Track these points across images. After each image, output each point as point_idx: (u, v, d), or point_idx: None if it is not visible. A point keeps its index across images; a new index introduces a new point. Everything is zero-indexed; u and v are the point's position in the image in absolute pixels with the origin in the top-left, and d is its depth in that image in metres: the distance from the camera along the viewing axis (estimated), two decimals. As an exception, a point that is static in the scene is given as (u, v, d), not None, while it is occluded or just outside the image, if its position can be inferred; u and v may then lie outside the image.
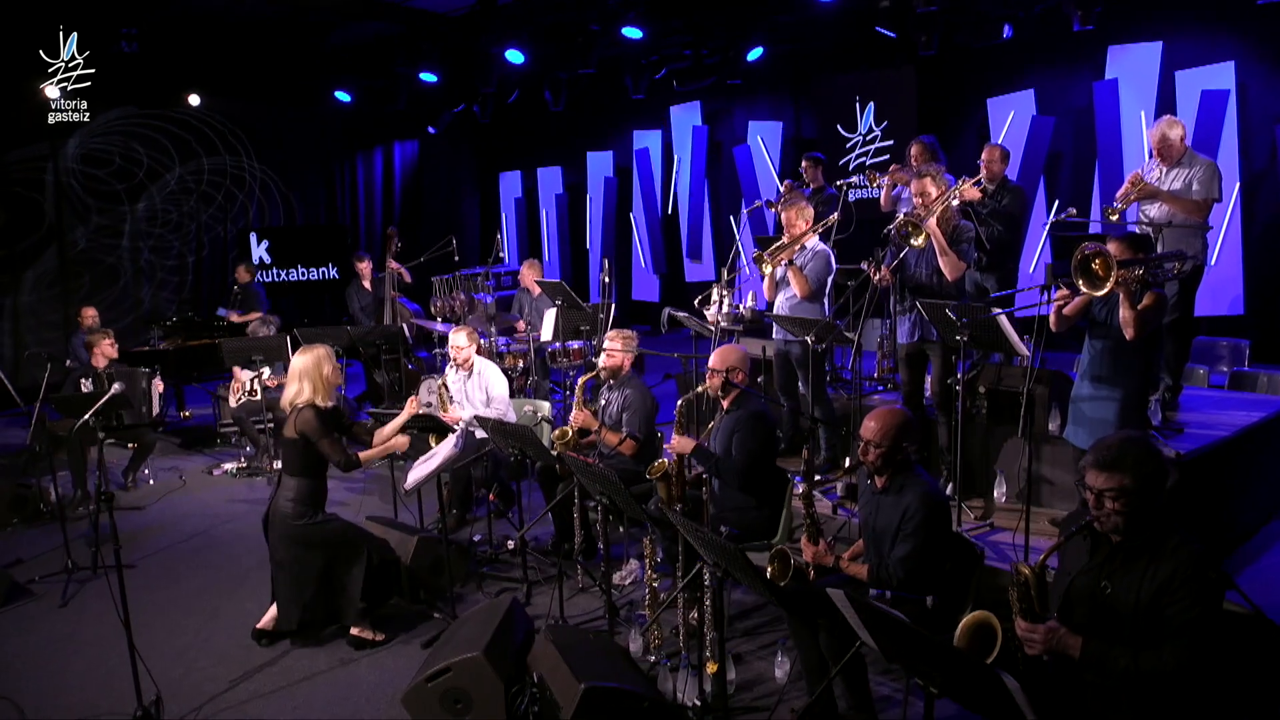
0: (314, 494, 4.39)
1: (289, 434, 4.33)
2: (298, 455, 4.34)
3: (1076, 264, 3.86)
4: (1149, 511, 2.66)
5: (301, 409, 4.31)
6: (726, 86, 11.20)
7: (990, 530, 4.84)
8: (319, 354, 4.42)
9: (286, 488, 4.35)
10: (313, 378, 4.36)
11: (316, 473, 4.40)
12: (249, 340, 7.41)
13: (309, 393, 4.34)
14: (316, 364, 4.38)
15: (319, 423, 4.30)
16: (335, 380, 4.48)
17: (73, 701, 4.11)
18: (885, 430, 3.38)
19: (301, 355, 4.42)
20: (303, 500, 4.32)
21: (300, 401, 4.34)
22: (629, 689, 3.39)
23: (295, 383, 4.37)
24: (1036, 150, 9.09)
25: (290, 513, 4.29)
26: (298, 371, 4.38)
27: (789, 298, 5.75)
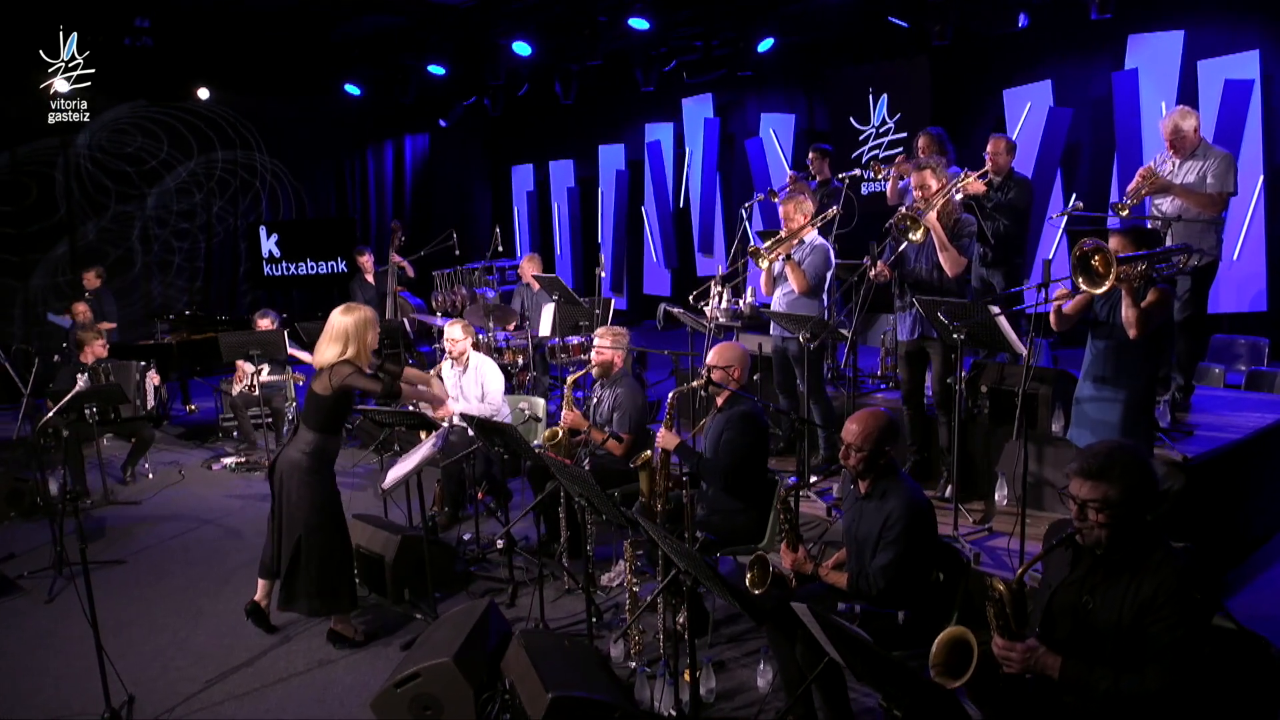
0: (327, 451, 4.28)
1: (320, 389, 4.16)
2: (324, 410, 4.19)
3: (1075, 261, 3.69)
4: (1135, 525, 2.51)
5: (338, 364, 4.11)
6: (738, 78, 11.06)
7: (989, 535, 4.68)
8: (367, 316, 4.23)
9: (302, 440, 4.22)
10: (359, 339, 4.15)
11: (335, 430, 4.30)
12: (247, 335, 7.36)
13: (352, 353, 4.14)
14: (363, 325, 4.18)
15: (356, 370, 4.12)
16: (375, 346, 4.32)
17: (46, 700, 4.07)
18: (867, 433, 3.25)
19: (347, 314, 4.19)
20: (316, 454, 4.20)
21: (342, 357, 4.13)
22: (599, 699, 3.28)
23: (338, 343, 4.14)
24: (1053, 142, 8.86)
25: (305, 465, 4.17)
26: (342, 331, 4.13)
27: (787, 293, 5.62)
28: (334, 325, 4.18)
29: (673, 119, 12.36)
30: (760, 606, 2.94)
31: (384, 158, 13.72)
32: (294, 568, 4.23)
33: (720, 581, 2.86)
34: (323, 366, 4.19)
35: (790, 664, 3.30)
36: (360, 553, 5.03)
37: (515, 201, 14.73)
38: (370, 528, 5.04)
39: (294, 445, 4.26)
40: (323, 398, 4.18)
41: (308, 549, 4.21)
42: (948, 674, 2.61)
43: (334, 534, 4.32)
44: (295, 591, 4.26)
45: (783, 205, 5.61)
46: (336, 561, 4.32)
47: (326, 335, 4.21)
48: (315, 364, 4.27)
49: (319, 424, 4.23)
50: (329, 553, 4.27)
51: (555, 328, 7.14)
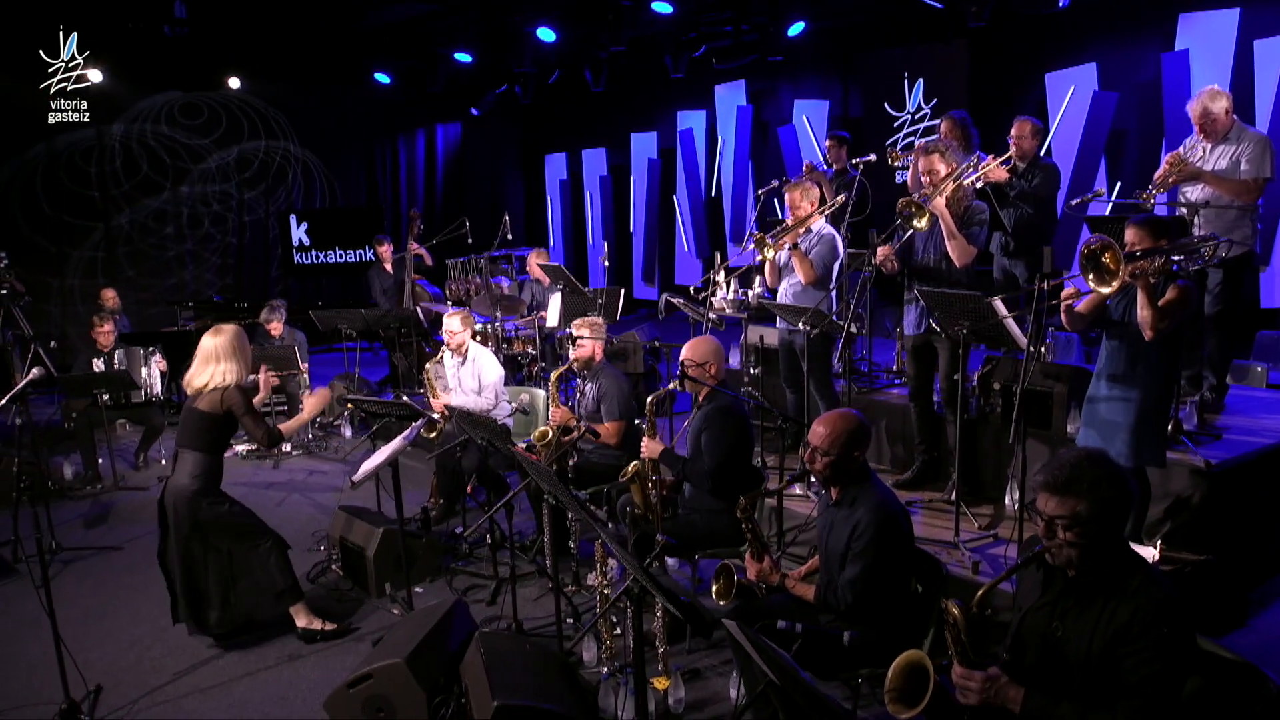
0: (217, 472, 4.25)
1: (205, 408, 4.11)
2: (207, 430, 4.15)
3: (1084, 258, 3.41)
4: (1108, 544, 2.26)
5: (227, 389, 4.12)
6: (773, 65, 10.76)
7: (993, 542, 4.40)
8: (234, 330, 4.22)
9: (189, 463, 4.13)
10: (238, 357, 4.16)
11: (218, 449, 4.25)
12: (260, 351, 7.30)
13: (234, 375, 4.15)
14: (237, 340, 4.18)
15: (243, 399, 4.15)
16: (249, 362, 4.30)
17: (18, 687, 4.06)
18: (834, 437, 3.02)
19: (218, 336, 4.17)
20: (204, 475, 4.14)
21: (225, 383, 4.13)
22: (547, 708, 3.12)
23: (219, 362, 4.12)
24: (1098, 128, 8.41)
25: (199, 489, 4.11)
26: (220, 351, 4.12)
27: (793, 284, 5.38)
28: (205, 348, 4.15)
29: (705, 106, 12.12)
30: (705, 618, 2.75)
31: (415, 146, 13.71)
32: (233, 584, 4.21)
33: (663, 590, 2.67)
34: (201, 390, 4.13)
35: (750, 676, 3.09)
36: (344, 545, 4.96)
37: (548, 190, 14.62)
38: (354, 519, 4.96)
39: (181, 473, 4.16)
40: (209, 416, 4.12)
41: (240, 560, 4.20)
42: (903, 701, 2.40)
43: (258, 535, 4.29)
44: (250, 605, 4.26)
45: (789, 192, 5.37)
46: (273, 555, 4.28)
47: (200, 359, 4.16)
48: (190, 387, 4.19)
49: (207, 444, 4.17)
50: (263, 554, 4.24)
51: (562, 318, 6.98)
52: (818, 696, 1.97)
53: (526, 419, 5.86)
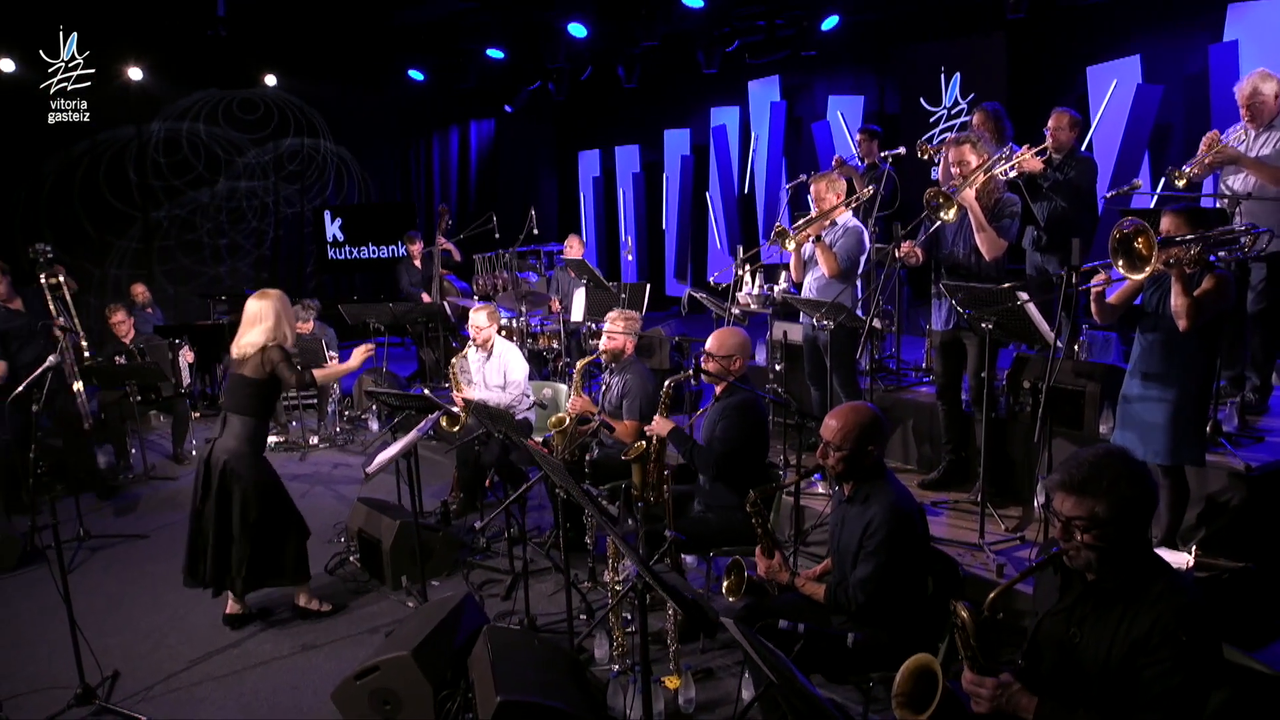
0: (262, 435, 4.32)
1: (252, 374, 4.18)
2: (256, 394, 4.21)
3: (1116, 242, 3.27)
4: (1128, 547, 2.14)
5: (268, 348, 4.16)
6: (807, 60, 10.61)
7: (1019, 544, 4.26)
8: (281, 296, 4.30)
9: (235, 426, 4.21)
10: (282, 322, 4.22)
11: (266, 414, 4.32)
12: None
13: (279, 335, 4.21)
14: (283, 305, 4.25)
15: (284, 355, 4.22)
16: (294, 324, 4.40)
17: (38, 671, 4.10)
18: (846, 431, 2.92)
19: (263, 299, 4.24)
20: (254, 440, 4.22)
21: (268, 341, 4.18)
22: (552, 705, 3.06)
23: (263, 323, 4.19)
24: (1141, 122, 8.15)
25: (245, 451, 4.18)
26: (266, 313, 4.19)
27: (817, 277, 5.27)
28: (250, 311, 4.23)
29: (739, 102, 11.99)
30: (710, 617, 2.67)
31: (449, 143, 13.76)
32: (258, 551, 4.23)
33: (666, 586, 2.60)
34: (246, 354, 4.19)
35: (759, 674, 3.01)
36: (361, 537, 4.96)
37: (582, 187, 14.60)
38: (372, 512, 4.96)
39: (229, 435, 4.22)
40: (255, 382, 4.19)
41: (268, 528, 4.23)
42: (912, 706, 2.31)
43: (288, 510, 4.34)
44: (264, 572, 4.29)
45: (814, 184, 5.26)
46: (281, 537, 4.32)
47: (246, 322, 4.24)
48: (238, 352, 4.24)
49: (254, 409, 4.23)
50: (285, 529, 4.30)
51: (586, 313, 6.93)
52: (812, 699, 1.89)
53: (546, 413, 5.82)
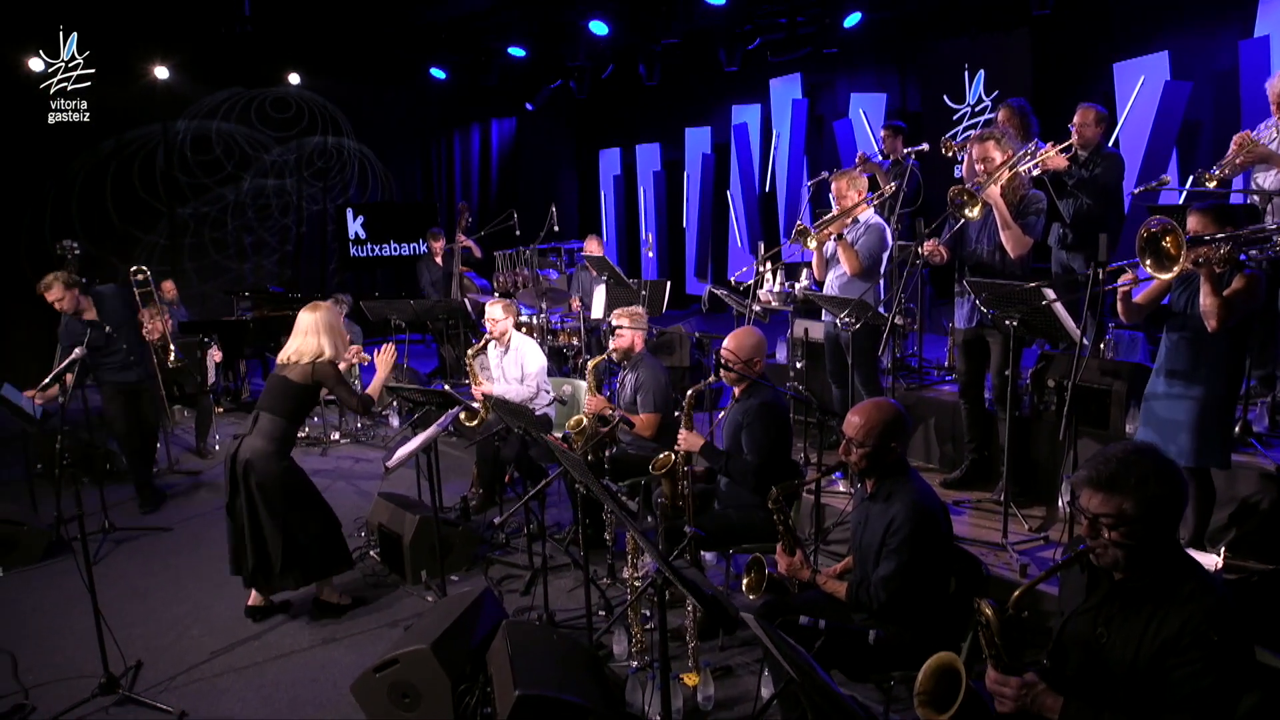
0: (291, 438, 4.33)
1: (295, 378, 4.22)
2: (294, 398, 4.26)
3: (1143, 241, 3.22)
4: (1157, 546, 2.10)
5: (320, 361, 4.23)
6: (828, 57, 10.55)
7: (1043, 545, 4.22)
8: (334, 309, 4.41)
9: (267, 425, 4.23)
10: (334, 336, 4.30)
11: (299, 419, 4.38)
12: None
13: (331, 350, 4.26)
14: (334, 319, 4.34)
15: (337, 373, 4.30)
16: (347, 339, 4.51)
17: (63, 661, 4.14)
18: (869, 427, 2.89)
19: (316, 311, 4.30)
20: (283, 441, 4.24)
21: (320, 356, 4.24)
22: (570, 700, 3.06)
23: (316, 336, 4.24)
24: (1169, 119, 8.03)
25: (273, 451, 4.19)
26: (320, 326, 4.26)
27: (839, 275, 5.24)
28: (303, 322, 4.28)
29: (760, 100, 11.94)
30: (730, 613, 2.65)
31: (470, 141, 13.80)
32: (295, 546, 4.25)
33: (687, 582, 2.59)
34: (297, 360, 4.24)
35: (779, 672, 3.00)
36: (381, 531, 4.98)
37: (602, 185, 14.60)
38: (392, 506, 4.98)
39: (258, 434, 4.23)
40: (296, 386, 4.23)
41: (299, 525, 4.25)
42: (934, 705, 2.28)
43: (314, 506, 4.36)
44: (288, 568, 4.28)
45: (835, 181, 5.23)
46: (318, 535, 4.34)
47: (298, 331, 4.29)
48: (285, 358, 4.28)
49: (288, 411, 4.26)
50: (314, 524, 4.31)
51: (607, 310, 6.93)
52: (834, 695, 1.87)
53: (567, 409, 5.82)
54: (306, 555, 4.29)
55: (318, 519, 4.34)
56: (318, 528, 4.33)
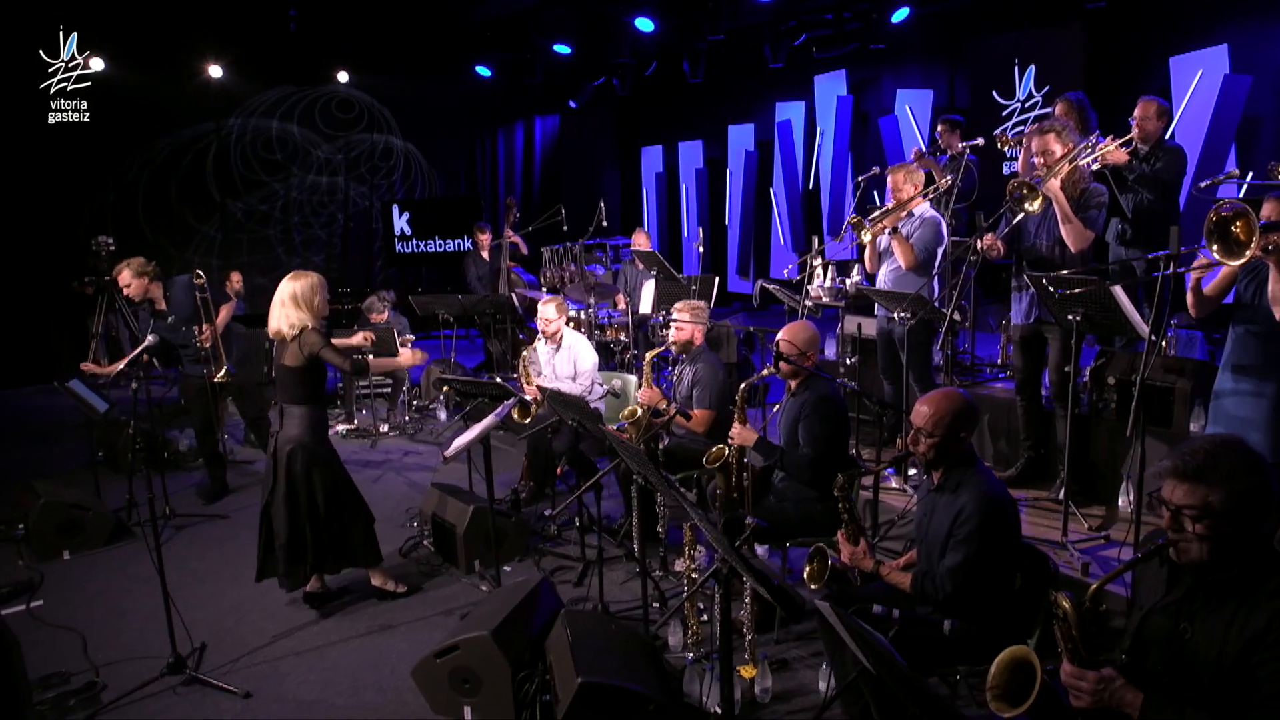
0: (321, 420, 4.31)
1: (291, 362, 4.18)
2: (302, 382, 4.22)
3: (1212, 226, 3.16)
4: (1244, 540, 2.06)
5: (303, 333, 4.15)
6: (874, 53, 10.48)
7: (1104, 544, 4.15)
8: (312, 280, 4.24)
9: (294, 416, 4.23)
10: (307, 300, 4.17)
11: (319, 400, 4.31)
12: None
13: (306, 318, 4.17)
14: (311, 290, 4.20)
15: (323, 339, 4.17)
16: (324, 312, 4.30)
17: (130, 642, 4.25)
18: (939, 416, 2.87)
19: (294, 281, 4.21)
20: (313, 426, 4.24)
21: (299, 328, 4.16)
22: (632, 688, 3.07)
23: (291, 308, 4.15)
24: (1228, 114, 7.86)
25: (307, 440, 4.21)
26: (291, 296, 4.17)
27: (893, 269, 5.20)
28: (282, 291, 4.19)
29: (804, 97, 11.88)
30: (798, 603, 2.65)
31: (514, 139, 13.90)
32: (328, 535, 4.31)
33: (755, 572, 2.59)
34: (280, 335, 4.19)
35: (841, 665, 2.98)
36: (435, 521, 5.04)
37: (644, 183, 14.62)
38: (446, 497, 5.03)
39: (289, 426, 4.24)
40: (296, 370, 4.18)
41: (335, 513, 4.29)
42: (1006, 699, 2.25)
43: (353, 495, 4.40)
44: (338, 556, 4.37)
45: (891, 174, 5.19)
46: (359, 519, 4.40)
47: (276, 302, 4.20)
48: (272, 333, 4.25)
49: (304, 396, 4.23)
50: (352, 513, 4.36)
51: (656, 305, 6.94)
52: (914, 681, 1.86)
53: (618, 402, 5.84)
54: (345, 543, 4.35)
55: (356, 509, 4.41)
56: (355, 517, 4.39)
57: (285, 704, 3.69)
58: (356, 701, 3.68)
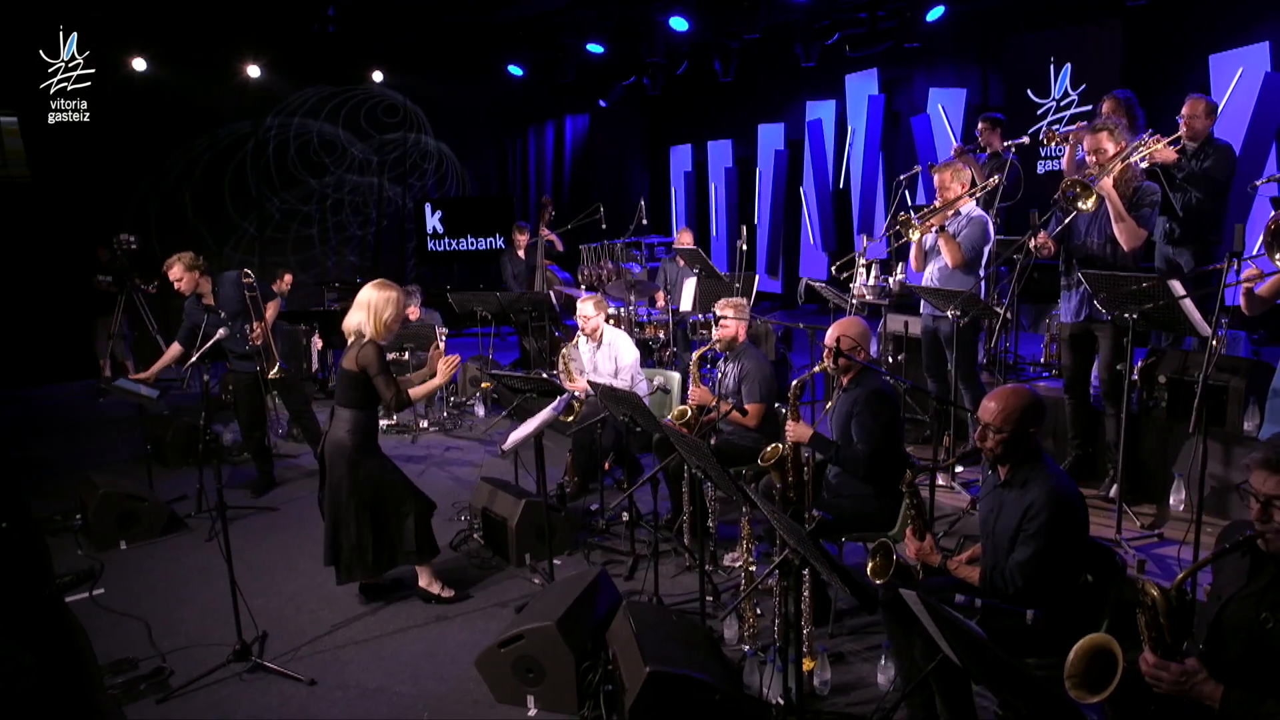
0: (368, 427, 4.31)
1: (349, 366, 4.22)
2: (354, 387, 4.23)
3: (1270, 234, 3.18)
4: (1331, 529, 2.08)
5: (364, 344, 4.20)
6: (906, 52, 10.47)
7: (1158, 542, 4.16)
8: (390, 295, 4.27)
9: (342, 419, 4.26)
10: (376, 313, 4.21)
11: (370, 405, 4.31)
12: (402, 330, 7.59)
13: (370, 330, 4.21)
14: (385, 303, 4.24)
15: (378, 359, 4.20)
16: (393, 328, 4.32)
17: (193, 630, 4.34)
18: (1008, 412, 2.90)
19: (376, 290, 4.27)
20: (359, 431, 4.24)
21: (362, 338, 4.22)
22: (699, 678, 3.12)
23: (363, 313, 4.23)
24: (1269, 114, 7.82)
25: (350, 444, 4.22)
26: (367, 302, 4.23)
27: (940, 268, 5.22)
28: (362, 295, 4.26)
29: (835, 96, 11.89)
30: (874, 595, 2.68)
31: (544, 138, 13.99)
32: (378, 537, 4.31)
33: (831, 564, 2.63)
34: (349, 333, 4.26)
35: (909, 660, 3.02)
36: (486, 515, 5.10)
37: (673, 182, 14.66)
38: (497, 491, 5.10)
39: (337, 427, 4.27)
40: (350, 374, 4.21)
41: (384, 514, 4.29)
42: (1084, 687, 2.28)
43: (405, 491, 4.36)
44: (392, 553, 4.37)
45: (938, 173, 5.21)
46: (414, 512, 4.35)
47: (355, 303, 4.27)
48: (345, 330, 4.30)
49: (355, 401, 4.24)
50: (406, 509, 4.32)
51: (696, 303, 6.98)
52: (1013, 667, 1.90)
53: (665, 398, 5.88)
54: (400, 540, 4.34)
55: (409, 503, 4.36)
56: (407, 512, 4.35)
57: (349, 691, 3.77)
58: (419, 690, 3.75)
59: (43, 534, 5.51)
